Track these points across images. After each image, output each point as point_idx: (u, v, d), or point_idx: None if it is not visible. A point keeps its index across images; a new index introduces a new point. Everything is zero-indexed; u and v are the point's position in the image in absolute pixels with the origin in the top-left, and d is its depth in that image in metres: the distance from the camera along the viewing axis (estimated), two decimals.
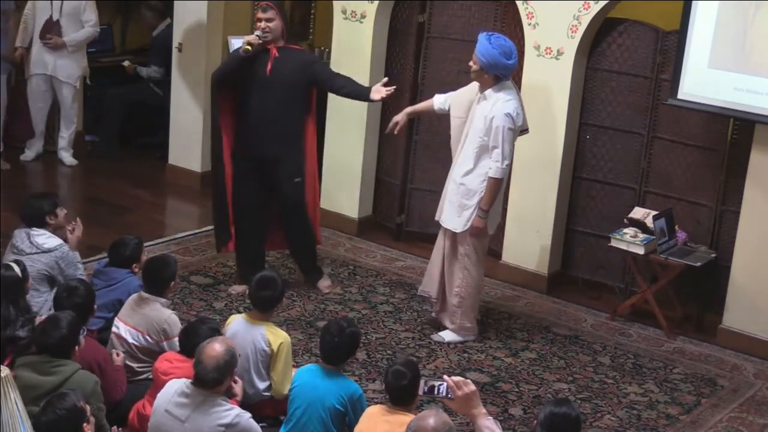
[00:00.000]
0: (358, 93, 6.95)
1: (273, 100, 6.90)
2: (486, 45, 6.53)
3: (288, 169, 7.05)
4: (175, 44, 9.14)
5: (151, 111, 10.00)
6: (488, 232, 6.81)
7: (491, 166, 6.59)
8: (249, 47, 6.79)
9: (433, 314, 7.11)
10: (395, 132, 7.03)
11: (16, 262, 5.68)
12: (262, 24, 6.86)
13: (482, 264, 6.93)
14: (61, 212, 6.40)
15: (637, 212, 7.35)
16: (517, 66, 6.90)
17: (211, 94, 7.15)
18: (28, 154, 9.56)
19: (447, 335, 6.93)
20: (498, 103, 6.56)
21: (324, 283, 7.45)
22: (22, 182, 9.03)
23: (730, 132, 7.25)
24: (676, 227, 7.28)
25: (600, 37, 7.55)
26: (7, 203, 7.74)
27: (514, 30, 7.67)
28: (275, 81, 6.88)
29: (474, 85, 6.79)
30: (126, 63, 9.89)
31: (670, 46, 7.32)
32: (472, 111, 6.73)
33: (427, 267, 7.12)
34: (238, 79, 6.96)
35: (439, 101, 6.94)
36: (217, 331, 5.36)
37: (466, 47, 7.98)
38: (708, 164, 7.35)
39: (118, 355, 5.63)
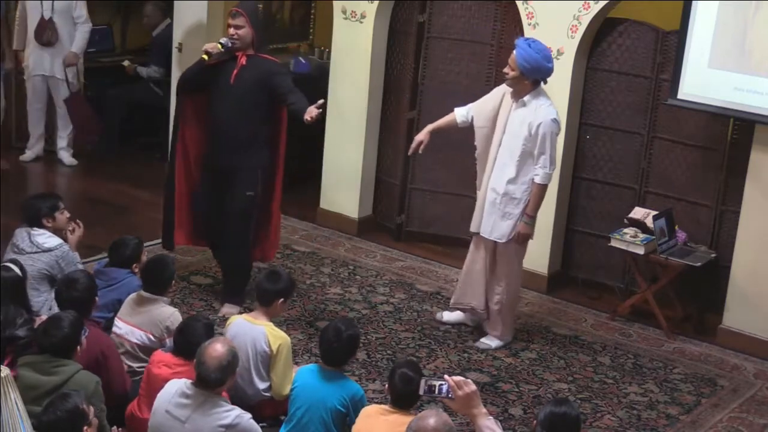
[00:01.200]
0: (299, 111, 6.63)
1: (235, 109, 6.72)
2: (528, 50, 6.43)
3: (243, 180, 6.80)
4: (175, 44, 9.13)
5: (151, 111, 10.00)
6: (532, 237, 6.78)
7: (538, 173, 6.53)
8: (206, 56, 6.67)
9: (467, 322, 7.08)
10: (420, 151, 6.92)
11: (15, 261, 5.68)
12: (231, 31, 6.71)
13: (521, 271, 6.91)
14: (62, 215, 6.35)
15: (637, 212, 7.35)
16: None
17: (176, 97, 7.10)
18: (28, 155, 9.55)
19: (493, 342, 6.89)
20: (540, 109, 6.49)
21: (225, 309, 6.93)
22: (21, 183, 9.03)
23: (730, 132, 7.25)
24: (676, 227, 7.28)
25: (600, 37, 7.55)
26: (7, 204, 7.73)
27: (514, 30, 7.67)
28: (238, 89, 6.70)
29: (496, 93, 6.74)
30: (126, 63, 9.90)
31: (670, 46, 7.32)
32: (503, 118, 6.62)
33: (461, 278, 7.03)
34: (205, 85, 6.84)
35: (461, 114, 6.83)
36: (211, 328, 5.37)
37: (466, 47, 8.01)
38: (708, 164, 7.35)
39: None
